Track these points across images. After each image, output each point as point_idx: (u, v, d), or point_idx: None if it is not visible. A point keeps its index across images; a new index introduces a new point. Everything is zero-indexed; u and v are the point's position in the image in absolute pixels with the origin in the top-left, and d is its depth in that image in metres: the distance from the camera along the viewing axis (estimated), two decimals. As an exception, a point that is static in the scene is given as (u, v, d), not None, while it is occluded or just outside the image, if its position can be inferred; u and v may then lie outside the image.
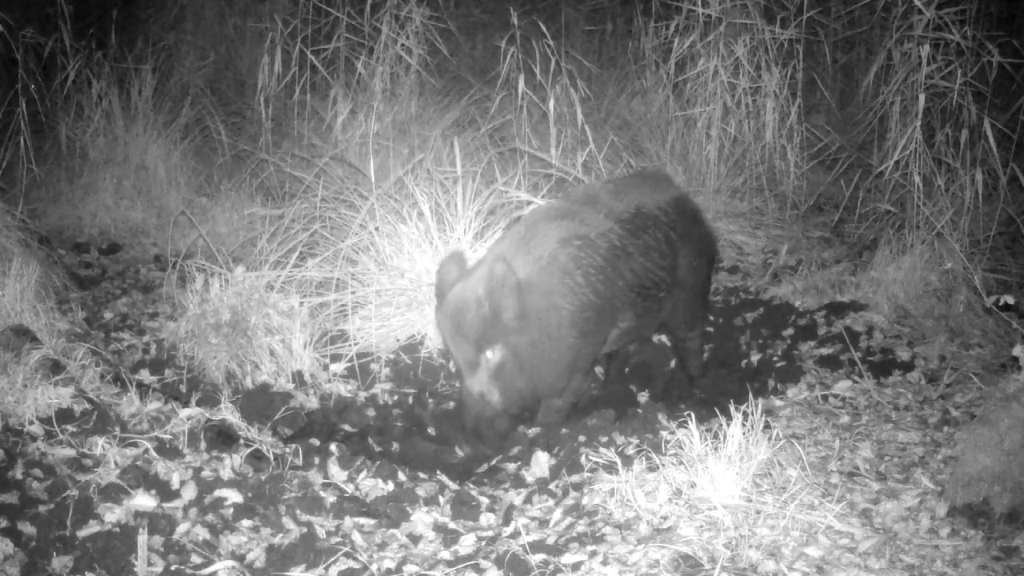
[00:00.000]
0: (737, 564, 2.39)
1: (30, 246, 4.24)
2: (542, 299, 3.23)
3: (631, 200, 3.54)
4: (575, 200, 3.55)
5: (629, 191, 3.61)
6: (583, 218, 3.42)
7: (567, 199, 3.64)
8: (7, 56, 4.74)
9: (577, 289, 3.29)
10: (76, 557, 2.39)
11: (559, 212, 3.45)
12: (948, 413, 3.24)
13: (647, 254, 3.48)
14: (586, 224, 3.40)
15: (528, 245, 3.32)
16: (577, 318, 3.29)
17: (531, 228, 3.39)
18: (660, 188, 3.72)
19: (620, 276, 3.39)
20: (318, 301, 3.93)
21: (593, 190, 3.65)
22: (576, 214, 3.43)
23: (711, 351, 4.03)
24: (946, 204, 4.10)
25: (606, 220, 3.44)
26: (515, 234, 3.40)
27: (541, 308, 3.23)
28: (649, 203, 3.58)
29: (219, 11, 6.39)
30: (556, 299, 3.26)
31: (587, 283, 3.30)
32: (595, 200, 3.52)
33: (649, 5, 5.39)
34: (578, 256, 3.32)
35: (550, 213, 3.46)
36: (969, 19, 4.13)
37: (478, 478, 3.21)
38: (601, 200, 3.52)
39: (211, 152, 5.64)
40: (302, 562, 2.50)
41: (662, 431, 3.15)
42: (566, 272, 3.29)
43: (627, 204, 3.52)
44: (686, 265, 3.60)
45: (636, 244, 3.45)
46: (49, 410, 2.95)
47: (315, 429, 3.37)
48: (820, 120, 5.52)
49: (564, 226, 3.37)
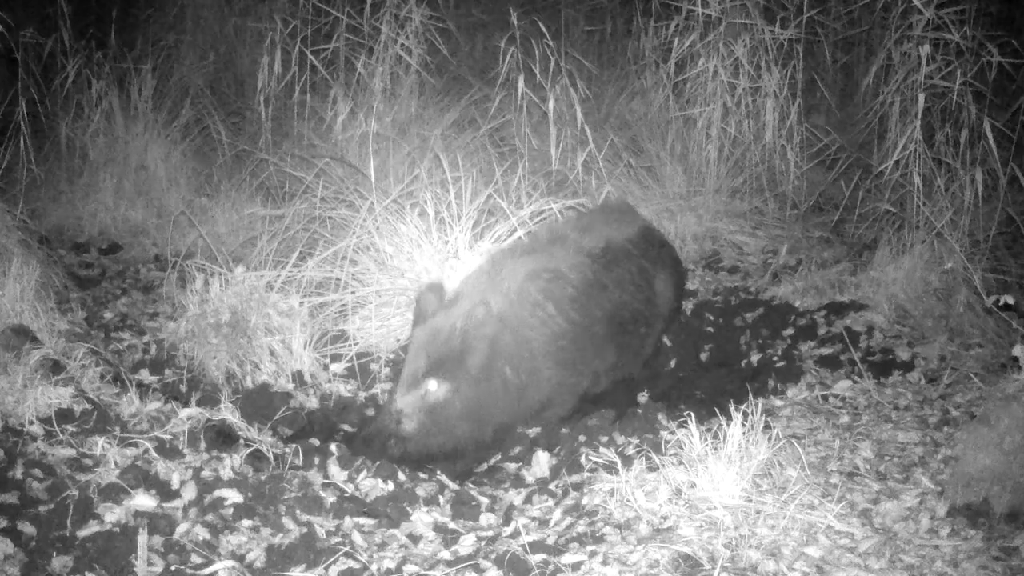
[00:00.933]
0: (737, 564, 2.39)
1: (30, 246, 4.24)
2: (511, 335, 3.17)
3: (599, 235, 3.50)
4: (541, 240, 3.50)
5: (595, 227, 3.57)
6: (552, 253, 3.38)
7: (532, 239, 3.58)
8: (7, 56, 4.73)
9: (549, 320, 3.23)
10: (76, 557, 2.39)
11: (525, 249, 3.41)
12: (948, 413, 3.24)
13: (623, 287, 3.43)
14: (555, 258, 3.36)
15: (494, 281, 3.26)
16: (551, 347, 3.24)
17: (497, 265, 3.33)
18: (626, 221, 3.69)
19: (598, 306, 3.34)
20: (318, 301, 3.93)
21: (559, 229, 3.60)
22: (543, 250, 3.39)
23: (711, 351, 4.03)
24: (946, 204, 4.10)
25: (576, 255, 3.40)
26: (481, 272, 3.34)
27: (509, 345, 3.16)
28: (618, 237, 3.54)
29: (219, 11, 6.38)
30: (526, 332, 3.20)
31: (559, 312, 3.25)
32: (562, 238, 3.47)
33: (649, 5, 5.38)
34: (548, 288, 3.27)
35: (515, 251, 3.41)
36: (969, 19, 4.13)
37: (478, 478, 3.21)
38: (569, 237, 3.47)
39: (211, 152, 5.64)
40: (302, 562, 2.50)
41: (662, 431, 3.15)
42: (536, 304, 3.24)
43: (596, 239, 3.48)
44: (663, 296, 3.57)
45: (610, 277, 3.41)
46: (49, 410, 2.95)
47: (315, 429, 3.37)
48: (820, 120, 5.51)
49: (532, 261, 3.33)
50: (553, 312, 3.25)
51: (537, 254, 3.36)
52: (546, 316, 3.24)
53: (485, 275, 3.32)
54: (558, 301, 3.28)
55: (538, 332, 3.22)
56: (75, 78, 5.28)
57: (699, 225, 4.93)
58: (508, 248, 3.53)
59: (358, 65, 4.94)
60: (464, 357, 3.07)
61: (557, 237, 3.48)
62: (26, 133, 4.54)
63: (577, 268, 3.35)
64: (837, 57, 5.94)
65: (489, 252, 3.75)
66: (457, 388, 3.10)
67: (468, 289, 3.28)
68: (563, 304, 3.27)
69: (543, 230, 3.76)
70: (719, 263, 4.72)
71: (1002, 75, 4.39)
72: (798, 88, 4.92)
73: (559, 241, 3.45)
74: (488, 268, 3.35)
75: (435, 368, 3.08)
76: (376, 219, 4.06)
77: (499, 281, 3.26)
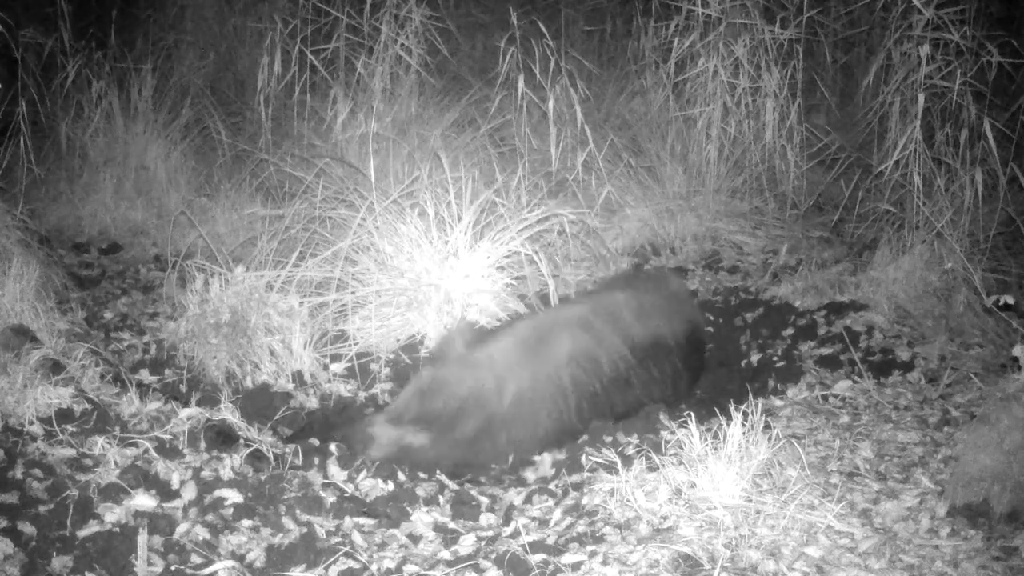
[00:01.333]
0: (737, 564, 2.39)
1: (30, 246, 4.24)
2: (523, 408, 3.18)
3: (652, 325, 3.47)
4: (598, 309, 3.46)
5: (653, 312, 3.53)
6: (599, 334, 3.35)
7: (590, 303, 3.54)
8: (7, 56, 4.73)
9: (563, 413, 3.24)
10: (76, 557, 2.39)
11: (578, 320, 3.38)
12: (948, 413, 3.24)
13: (648, 388, 3.43)
14: (600, 343, 3.32)
15: (535, 349, 3.24)
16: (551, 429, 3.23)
17: (545, 331, 3.30)
18: (682, 312, 3.65)
19: (608, 403, 3.33)
20: (318, 301, 3.93)
21: (617, 302, 3.54)
22: (593, 327, 3.36)
23: (711, 351, 4.03)
24: (946, 204, 4.10)
25: (622, 344, 3.37)
26: (526, 330, 3.32)
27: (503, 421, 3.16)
28: (667, 332, 3.51)
29: (219, 11, 6.38)
30: (540, 413, 3.21)
31: (576, 408, 3.25)
32: (617, 315, 3.44)
33: (649, 5, 5.38)
34: (579, 378, 3.26)
35: (570, 319, 3.38)
36: (968, 19, 4.12)
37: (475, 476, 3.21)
38: (623, 317, 3.43)
39: (211, 152, 5.64)
40: (302, 562, 2.50)
41: (662, 431, 3.15)
42: (561, 393, 3.24)
43: (646, 329, 3.45)
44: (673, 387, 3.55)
45: (640, 375, 3.40)
46: (49, 410, 2.95)
47: (315, 429, 3.37)
48: (820, 120, 5.51)
49: (577, 339, 3.30)
50: (572, 406, 3.24)
51: (583, 331, 3.30)
52: (564, 407, 3.23)
53: (527, 334, 3.29)
54: (579, 396, 3.26)
55: (550, 416, 3.22)
56: (75, 78, 5.28)
57: (699, 225, 4.93)
58: (564, 311, 3.48)
59: (358, 65, 4.94)
60: (454, 426, 3.11)
61: (612, 311, 3.43)
62: (26, 133, 4.54)
63: (613, 363, 3.32)
64: (837, 57, 5.94)
65: (536, 310, 3.73)
66: (433, 446, 3.12)
67: (496, 353, 3.26)
68: (582, 401, 3.26)
69: (603, 295, 3.68)
70: (719, 263, 4.72)
71: (1002, 75, 4.39)
72: (798, 88, 4.92)
73: (612, 317, 3.40)
74: (533, 328, 3.33)
75: (422, 419, 3.13)
76: (376, 219, 4.06)
77: (539, 351, 3.25)
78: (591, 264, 4.70)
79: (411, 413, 3.16)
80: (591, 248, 4.72)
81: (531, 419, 3.21)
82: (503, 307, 4.05)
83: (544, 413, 3.23)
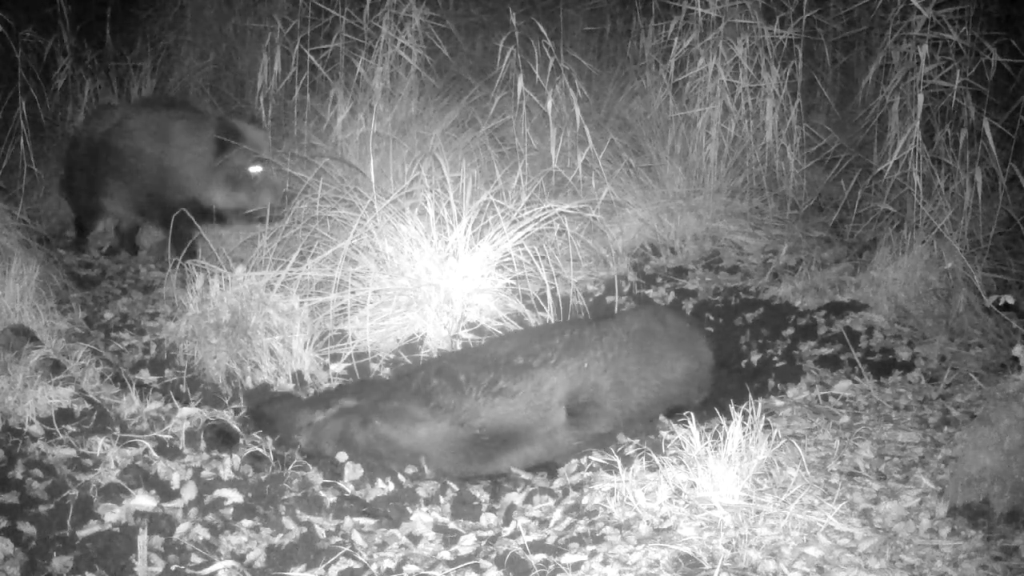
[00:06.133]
0: (737, 564, 2.39)
1: (30, 246, 4.24)
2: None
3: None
4: (590, 346, 3.34)
5: (663, 357, 3.45)
6: (587, 375, 3.24)
7: (581, 340, 3.39)
8: (7, 56, 4.73)
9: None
10: (76, 557, 2.40)
11: (566, 352, 3.26)
12: (948, 413, 3.24)
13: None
14: (589, 376, 3.24)
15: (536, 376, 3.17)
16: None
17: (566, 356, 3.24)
18: (682, 355, 3.54)
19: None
20: (318, 301, 3.93)
21: (615, 342, 3.39)
22: (577, 367, 3.24)
23: (711, 351, 4.03)
24: (946, 204, 4.10)
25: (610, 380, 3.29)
26: (548, 354, 3.25)
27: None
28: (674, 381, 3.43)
29: (219, 11, 6.39)
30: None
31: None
32: (616, 354, 3.31)
33: (649, 5, 5.38)
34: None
35: (561, 347, 3.28)
36: (968, 19, 4.13)
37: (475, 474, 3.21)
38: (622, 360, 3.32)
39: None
40: (302, 562, 2.50)
41: (662, 431, 3.15)
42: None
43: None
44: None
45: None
46: (49, 410, 2.96)
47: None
48: (820, 120, 5.51)
49: (567, 379, 3.20)
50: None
51: (571, 370, 3.21)
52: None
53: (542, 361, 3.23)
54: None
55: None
56: (75, 78, 5.28)
57: (699, 225, 4.93)
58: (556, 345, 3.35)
59: (358, 65, 4.94)
60: (389, 396, 3.12)
61: (612, 350, 3.33)
62: (26, 133, 4.54)
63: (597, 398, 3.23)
64: (837, 57, 5.94)
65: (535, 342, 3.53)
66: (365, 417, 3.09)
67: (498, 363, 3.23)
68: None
69: (607, 336, 3.46)
70: (719, 263, 4.72)
71: (1001, 75, 4.39)
72: (798, 88, 4.92)
73: (614, 359, 3.30)
74: (556, 353, 3.25)
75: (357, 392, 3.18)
76: (376, 219, 4.06)
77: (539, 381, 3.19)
78: (591, 264, 4.70)
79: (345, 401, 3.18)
80: (591, 248, 4.72)
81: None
82: (503, 307, 4.05)
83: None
